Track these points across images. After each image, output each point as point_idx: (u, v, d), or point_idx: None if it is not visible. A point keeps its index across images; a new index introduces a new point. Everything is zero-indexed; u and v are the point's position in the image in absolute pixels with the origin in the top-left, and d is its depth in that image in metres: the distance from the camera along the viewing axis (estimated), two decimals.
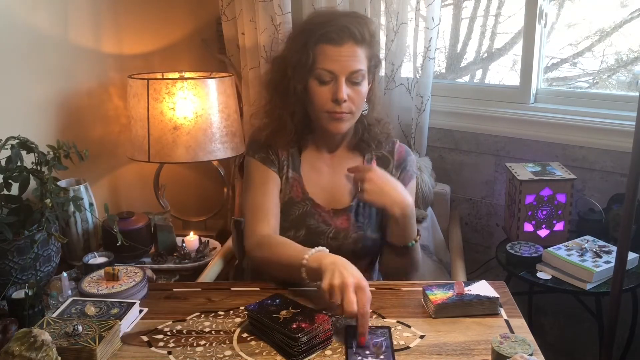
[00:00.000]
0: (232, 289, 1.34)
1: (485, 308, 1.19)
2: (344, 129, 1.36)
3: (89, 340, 1.05)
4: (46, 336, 0.97)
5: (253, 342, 1.11)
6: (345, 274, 1.10)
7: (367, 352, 1.05)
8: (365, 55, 1.33)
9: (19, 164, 1.35)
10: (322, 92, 1.31)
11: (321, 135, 1.42)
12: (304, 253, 1.20)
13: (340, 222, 1.39)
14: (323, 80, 1.30)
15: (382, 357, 1.03)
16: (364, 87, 1.34)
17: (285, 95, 1.36)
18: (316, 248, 1.21)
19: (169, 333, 1.15)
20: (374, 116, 1.44)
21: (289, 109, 1.37)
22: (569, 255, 1.62)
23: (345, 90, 1.29)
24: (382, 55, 2.11)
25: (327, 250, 1.22)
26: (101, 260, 1.52)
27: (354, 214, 1.40)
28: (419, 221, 1.92)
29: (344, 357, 1.05)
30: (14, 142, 1.36)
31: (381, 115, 1.47)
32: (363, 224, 1.41)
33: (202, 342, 1.11)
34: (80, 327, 1.08)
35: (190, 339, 1.13)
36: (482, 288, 1.23)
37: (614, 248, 1.55)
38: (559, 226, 1.81)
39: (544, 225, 1.81)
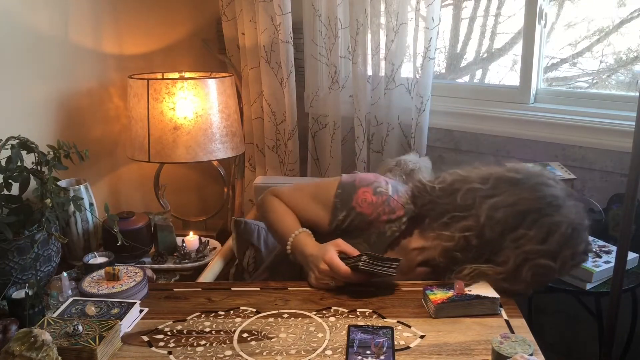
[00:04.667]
0: (232, 289, 1.34)
1: (485, 308, 1.19)
2: None
3: (89, 340, 1.05)
4: (46, 336, 0.97)
5: (253, 342, 1.11)
6: (313, 268, 1.30)
7: (368, 352, 1.05)
8: None
9: (19, 164, 1.35)
10: None
11: None
12: (290, 235, 1.37)
13: None
14: None
15: (382, 357, 1.04)
16: None
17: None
18: (298, 230, 1.37)
19: (169, 333, 1.15)
20: None
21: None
22: None
23: None
24: (382, 55, 2.12)
25: (307, 231, 1.38)
26: (101, 260, 1.52)
27: None
28: None
29: (344, 357, 1.05)
30: (14, 142, 1.36)
31: None
32: None
33: (203, 342, 1.11)
34: (80, 327, 1.08)
35: (190, 339, 1.13)
36: (482, 288, 1.23)
37: (613, 248, 1.55)
38: None
39: None
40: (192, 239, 2.01)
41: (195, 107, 1.98)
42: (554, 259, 1.20)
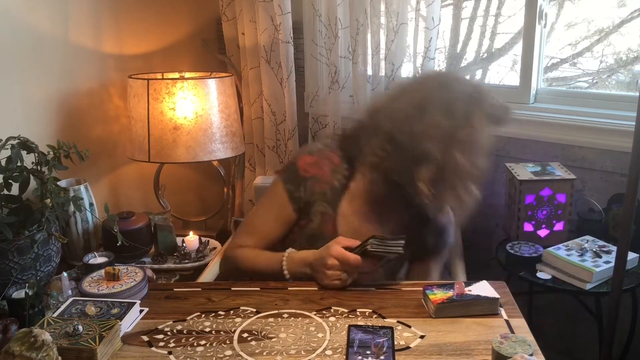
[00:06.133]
0: (232, 289, 1.34)
1: (485, 308, 1.19)
2: None
3: (89, 340, 1.05)
4: (46, 336, 0.97)
5: (253, 342, 1.11)
6: (321, 269, 1.30)
7: (368, 352, 1.05)
8: None
9: (19, 164, 1.35)
10: None
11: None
12: (280, 262, 1.36)
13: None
14: None
15: (382, 357, 1.04)
16: None
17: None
18: (284, 253, 1.37)
19: (169, 333, 1.15)
20: None
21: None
22: (568, 255, 1.63)
23: None
24: (382, 55, 2.12)
25: (293, 249, 1.38)
26: (101, 260, 1.52)
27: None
28: None
29: (344, 357, 1.05)
30: (14, 142, 1.36)
31: None
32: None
33: (203, 342, 1.11)
34: (80, 327, 1.08)
35: (190, 339, 1.13)
36: (483, 288, 1.23)
37: (613, 248, 1.55)
38: (558, 226, 1.81)
39: (543, 225, 1.81)
40: (192, 239, 2.01)
41: (195, 107, 1.98)
42: (469, 124, 1.24)
